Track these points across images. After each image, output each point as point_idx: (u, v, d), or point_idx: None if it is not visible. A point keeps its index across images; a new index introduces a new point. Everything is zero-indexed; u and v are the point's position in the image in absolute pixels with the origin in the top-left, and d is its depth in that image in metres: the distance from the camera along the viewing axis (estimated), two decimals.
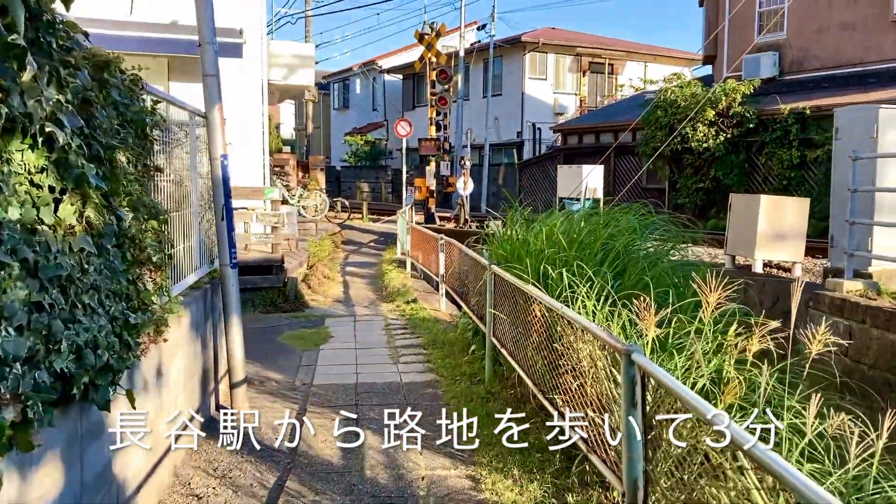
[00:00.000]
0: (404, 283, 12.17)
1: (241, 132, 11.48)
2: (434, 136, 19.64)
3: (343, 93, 47.82)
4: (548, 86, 34.04)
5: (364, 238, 20.56)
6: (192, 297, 4.97)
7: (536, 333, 4.62)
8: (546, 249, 5.00)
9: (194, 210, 5.32)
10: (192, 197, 5.33)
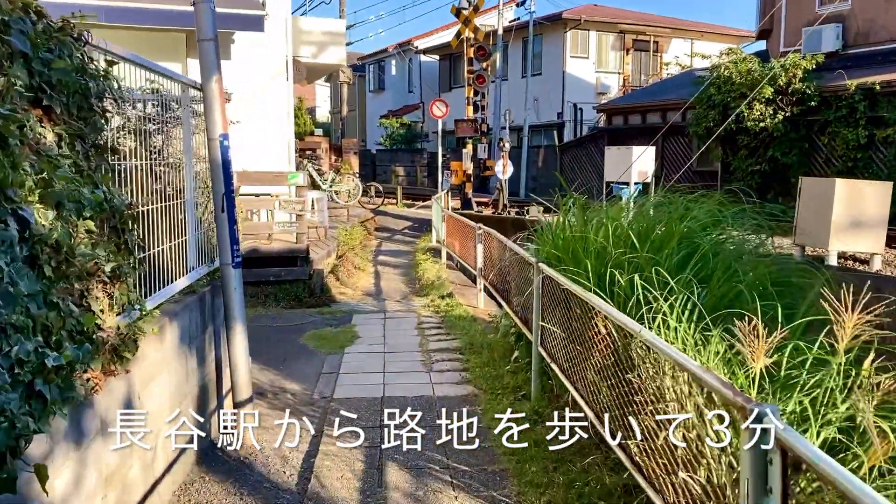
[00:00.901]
0: (439, 274, 11.29)
1: (262, 112, 10.68)
2: (471, 117, 18.65)
3: (378, 74, 46.96)
4: (590, 64, 32.74)
5: (398, 224, 19.73)
6: (183, 304, 4.15)
7: (601, 354, 3.70)
8: (612, 248, 4.06)
9: (189, 201, 4.49)
10: (187, 185, 4.50)
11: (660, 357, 2.93)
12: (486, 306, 8.98)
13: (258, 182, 9.63)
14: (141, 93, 3.93)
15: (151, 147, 3.98)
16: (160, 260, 3.94)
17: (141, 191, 3.60)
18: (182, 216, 4.40)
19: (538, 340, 5.33)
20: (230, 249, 4.64)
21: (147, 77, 4.10)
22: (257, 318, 8.42)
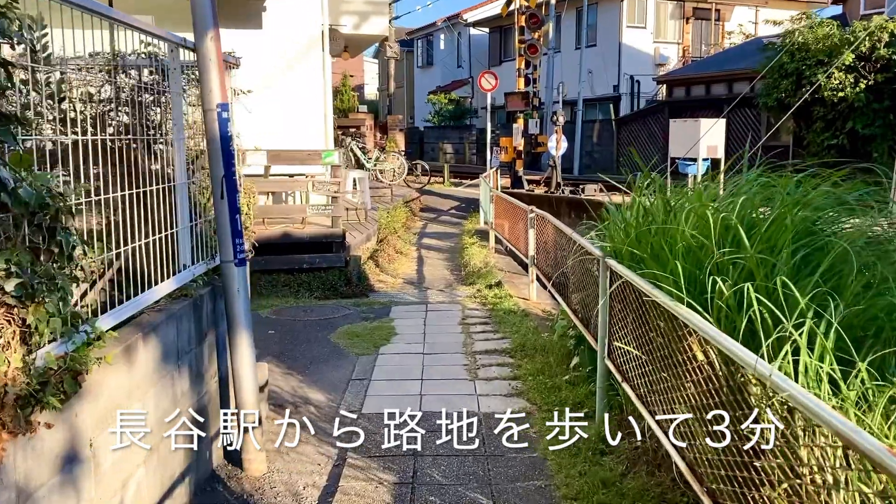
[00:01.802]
0: (486, 260, 10.40)
1: (295, 86, 9.88)
2: (522, 89, 17.59)
3: (427, 49, 45.90)
4: (647, 35, 31.14)
5: (444, 205, 18.87)
6: (168, 313, 3.36)
7: (698, 388, 2.78)
8: (712, 246, 3.11)
9: (181, 185, 3.68)
10: (177, 166, 3.68)
11: (804, 413, 2.00)
12: (539, 298, 8.07)
13: (289, 161, 8.86)
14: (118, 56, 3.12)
15: (118, 119, 3.17)
16: (140, 259, 3.15)
17: (105, 176, 2.80)
18: (170, 204, 3.60)
19: (604, 351, 4.42)
20: (232, 244, 3.83)
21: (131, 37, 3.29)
22: (287, 311, 7.68)
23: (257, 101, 9.90)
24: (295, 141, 9.73)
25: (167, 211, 3.53)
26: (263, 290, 8.49)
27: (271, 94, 9.83)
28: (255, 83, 9.87)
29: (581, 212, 14.80)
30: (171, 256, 3.57)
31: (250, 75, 9.98)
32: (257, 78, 9.86)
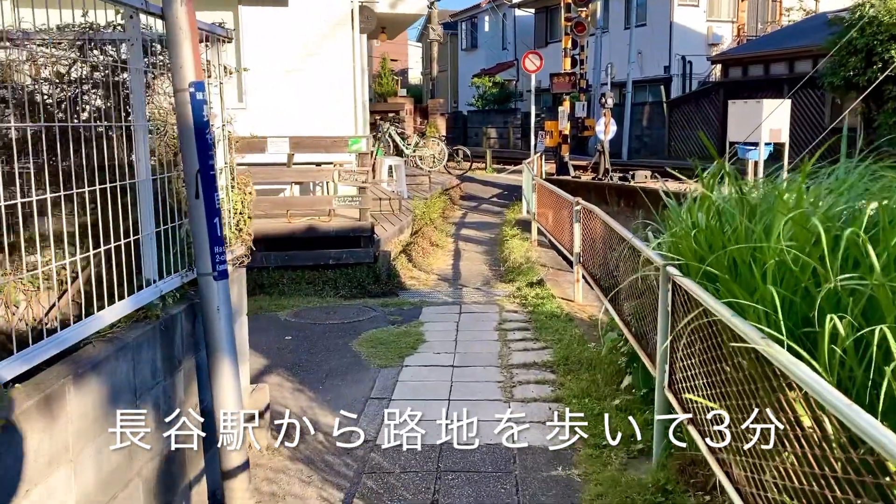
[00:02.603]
0: (528, 254, 9.63)
1: (321, 67, 9.21)
2: (569, 70, 16.66)
3: (471, 32, 44.98)
4: (700, 13, 29.74)
5: (485, 192, 18.11)
6: (118, 345, 2.70)
7: (809, 471, 2.01)
8: (811, 264, 2.32)
9: (144, 181, 3.02)
10: (140, 159, 3.02)
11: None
12: (585, 300, 7.28)
13: (312, 149, 8.21)
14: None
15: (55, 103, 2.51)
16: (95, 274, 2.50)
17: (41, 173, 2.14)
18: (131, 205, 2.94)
19: (664, 380, 3.65)
20: (210, 253, 3.17)
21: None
22: (308, 313, 7.05)
23: (280, 84, 9.29)
24: (321, 126, 9.09)
25: (125, 214, 2.87)
26: (286, 288, 7.88)
27: (297, 77, 9.20)
28: (278, 65, 9.26)
29: (631, 200, 13.96)
30: (131, 270, 2.91)
31: (273, 56, 9.38)
32: (281, 59, 9.25)
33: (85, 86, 2.93)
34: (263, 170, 8.09)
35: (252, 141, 7.78)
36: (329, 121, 9.24)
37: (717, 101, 22.08)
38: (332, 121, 9.24)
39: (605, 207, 14.65)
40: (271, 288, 7.86)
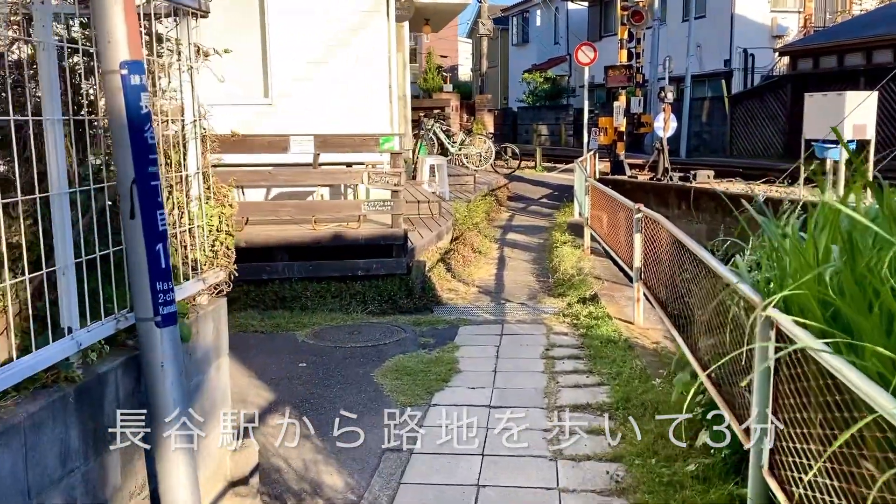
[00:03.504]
0: (580, 264, 8.68)
1: (350, 58, 8.42)
2: (624, 63, 15.58)
3: (522, 26, 43.90)
4: (763, 3, 28.17)
5: (534, 192, 17.15)
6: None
7: None
8: None
9: (58, 196, 2.22)
10: (52, 164, 2.22)
11: None
12: (647, 321, 6.31)
13: (339, 148, 7.42)
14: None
15: None
16: None
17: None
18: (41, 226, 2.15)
19: (763, 460, 2.71)
20: (151, 292, 2.36)
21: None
22: (330, 333, 6.26)
23: (309, 78, 8.52)
24: (353, 123, 8.29)
25: (34, 239, 2.08)
26: (310, 302, 7.11)
27: (327, 69, 8.43)
28: (306, 56, 8.49)
29: (693, 203, 12.87)
30: (32, 317, 2.12)
31: (301, 47, 8.61)
32: (310, 50, 8.48)
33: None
34: (286, 171, 7.34)
35: (273, 140, 7.03)
36: (362, 117, 8.43)
37: (785, 96, 20.67)
38: (365, 117, 8.44)
39: (665, 211, 13.57)
40: (293, 302, 7.10)
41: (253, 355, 5.64)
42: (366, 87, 8.48)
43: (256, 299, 7.12)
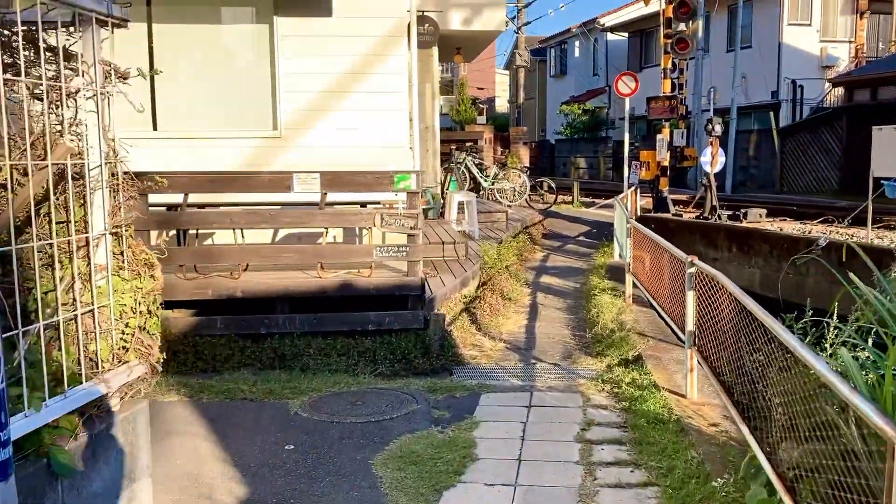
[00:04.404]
0: (621, 317, 7.73)
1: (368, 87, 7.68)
2: (667, 93, 14.66)
3: (560, 58, 43.32)
4: (812, 33, 27.14)
5: (571, 230, 16.20)
6: None
7: None
8: None
9: None
10: None
11: None
12: (701, 395, 5.33)
13: (349, 187, 6.63)
14: None
15: None
16: None
17: None
18: None
19: None
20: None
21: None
22: (329, 403, 5.40)
23: (322, 109, 7.79)
24: (369, 158, 7.53)
25: None
26: (312, 360, 6.27)
27: (341, 100, 7.70)
28: (319, 85, 7.75)
29: (745, 245, 11.76)
30: None
31: (314, 76, 7.89)
32: (323, 79, 7.74)
33: None
34: (290, 212, 6.56)
35: (275, 177, 6.27)
36: (379, 151, 7.67)
37: (840, 129, 19.50)
38: (382, 151, 7.67)
39: (714, 252, 12.51)
40: (294, 360, 6.27)
41: (234, 433, 4.81)
42: (384, 119, 7.72)
43: (252, 357, 6.31)
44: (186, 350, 6.30)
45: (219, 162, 7.60)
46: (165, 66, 7.64)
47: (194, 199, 7.13)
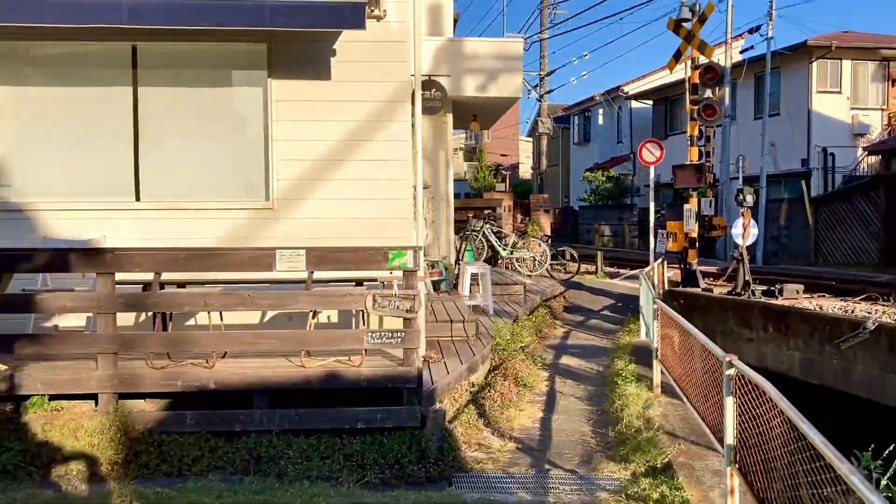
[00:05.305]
0: (648, 412, 6.85)
1: (367, 155, 7.09)
2: (695, 161, 13.96)
3: (583, 125, 43.15)
4: (842, 100, 26.60)
5: (595, 303, 15.34)
6: None
7: None
8: None
9: None
10: None
11: None
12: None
13: (339, 265, 5.92)
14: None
15: None
16: None
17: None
18: None
19: None
20: None
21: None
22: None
23: (313, 177, 7.13)
24: (367, 231, 6.87)
25: None
26: (291, 465, 5.46)
27: (335, 167, 7.10)
28: (315, 153, 7.13)
29: (782, 325, 10.80)
30: None
31: (309, 143, 7.29)
32: (319, 146, 7.17)
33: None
34: (271, 293, 5.86)
35: (255, 254, 5.61)
36: (378, 222, 7.01)
37: (877, 198, 18.63)
38: (381, 223, 7.00)
39: (749, 333, 11.55)
40: (270, 464, 5.47)
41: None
42: (384, 189, 7.08)
43: (224, 459, 5.52)
44: (150, 450, 5.54)
45: (206, 233, 7.00)
46: (151, 133, 7.14)
47: (177, 276, 6.50)
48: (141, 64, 7.05)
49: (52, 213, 6.96)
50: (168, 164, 7.22)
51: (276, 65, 7.10)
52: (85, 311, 6.10)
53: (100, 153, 7.18)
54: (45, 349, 5.88)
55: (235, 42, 7.05)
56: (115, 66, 7.06)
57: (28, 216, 6.97)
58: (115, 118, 7.09)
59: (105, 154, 7.18)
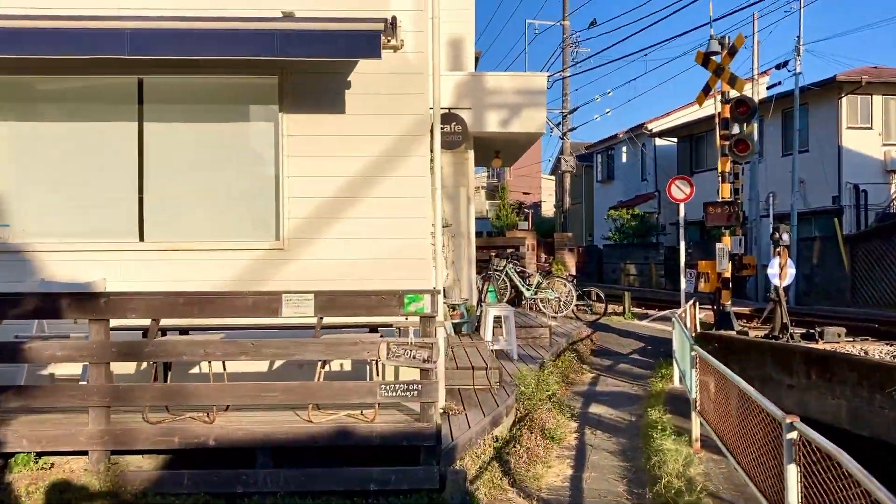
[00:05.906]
0: (689, 470, 6.25)
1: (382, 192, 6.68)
2: (726, 198, 13.43)
3: (607, 163, 42.76)
4: (874, 136, 26.04)
5: (623, 345, 14.71)
6: None
7: None
8: None
9: None
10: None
11: None
12: None
13: (351, 310, 5.46)
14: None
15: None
16: None
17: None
18: None
19: None
20: None
21: None
22: None
23: (327, 216, 6.72)
24: (383, 273, 6.43)
25: None
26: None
27: (349, 206, 6.69)
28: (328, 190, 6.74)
29: (825, 372, 10.10)
30: None
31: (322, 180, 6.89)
32: (333, 183, 6.78)
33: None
34: (274, 342, 5.40)
35: (260, 300, 5.17)
36: (395, 265, 6.57)
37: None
38: (398, 265, 6.56)
39: (789, 379, 10.89)
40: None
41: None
42: (401, 228, 6.66)
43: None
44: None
45: (214, 275, 6.62)
46: (157, 170, 6.81)
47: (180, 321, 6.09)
48: (147, 98, 6.75)
49: (52, 253, 6.62)
50: (174, 202, 6.87)
51: (287, 98, 6.76)
52: (76, 360, 5.68)
53: (102, 191, 6.86)
54: (34, 401, 5.45)
55: (245, 75, 6.73)
56: (120, 101, 6.76)
57: (27, 257, 6.63)
58: (118, 155, 6.78)
59: (107, 192, 6.85)
